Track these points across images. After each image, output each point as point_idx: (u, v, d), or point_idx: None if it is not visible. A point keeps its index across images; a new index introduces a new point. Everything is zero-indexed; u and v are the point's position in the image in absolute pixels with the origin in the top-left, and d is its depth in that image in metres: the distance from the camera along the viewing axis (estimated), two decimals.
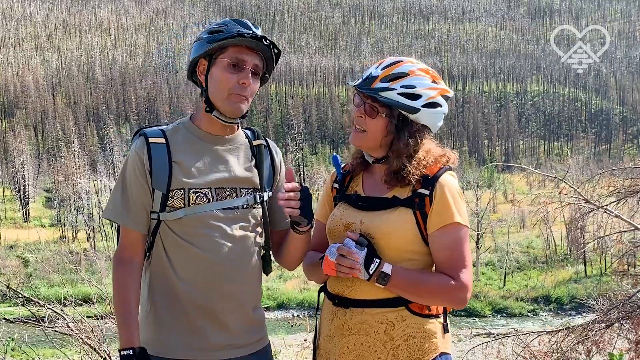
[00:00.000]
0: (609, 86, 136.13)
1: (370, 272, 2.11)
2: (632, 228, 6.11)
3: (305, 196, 2.21)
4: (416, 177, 2.20)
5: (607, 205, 6.14)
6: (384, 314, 2.19)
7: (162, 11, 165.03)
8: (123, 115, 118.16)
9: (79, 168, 71.36)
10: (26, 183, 73.05)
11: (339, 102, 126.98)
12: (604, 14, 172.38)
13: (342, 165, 2.42)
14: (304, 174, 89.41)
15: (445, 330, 2.27)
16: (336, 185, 2.42)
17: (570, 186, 6.35)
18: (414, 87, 2.19)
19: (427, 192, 2.18)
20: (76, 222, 63.24)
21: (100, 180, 68.26)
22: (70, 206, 64.42)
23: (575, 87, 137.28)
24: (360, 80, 2.26)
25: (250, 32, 2.23)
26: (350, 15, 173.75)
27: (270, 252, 2.46)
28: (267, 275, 2.48)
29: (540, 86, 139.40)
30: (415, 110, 2.19)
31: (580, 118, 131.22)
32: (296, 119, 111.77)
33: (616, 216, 6.06)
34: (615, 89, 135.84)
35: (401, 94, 2.18)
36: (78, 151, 79.14)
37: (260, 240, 2.40)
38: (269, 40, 2.26)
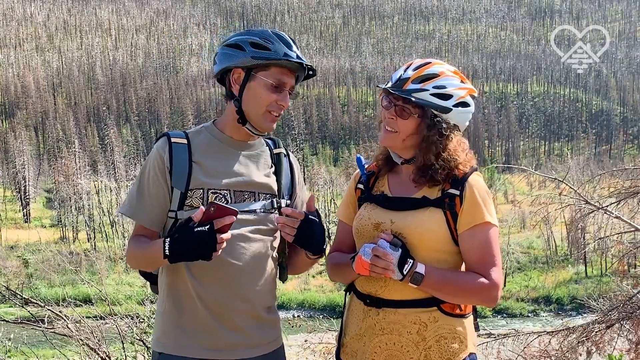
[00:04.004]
0: (610, 87, 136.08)
1: (404, 273, 2.12)
2: (633, 229, 6.10)
3: (307, 227, 2.25)
4: (444, 175, 2.23)
5: (607, 206, 6.12)
6: (417, 315, 2.21)
7: (163, 12, 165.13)
8: (123, 116, 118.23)
9: (79, 168, 71.33)
10: (27, 183, 73.10)
11: (340, 102, 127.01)
12: (605, 14, 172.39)
13: (366, 166, 2.44)
14: (304, 175, 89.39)
15: (476, 328, 2.31)
16: (360, 186, 2.43)
17: (570, 187, 6.34)
18: (445, 87, 2.23)
19: (457, 192, 2.21)
20: (77, 222, 63.35)
21: (101, 181, 68.37)
22: (71, 207, 64.49)
23: (576, 87, 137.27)
24: (390, 82, 2.29)
25: (294, 54, 2.29)
26: (351, 16, 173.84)
27: (286, 259, 2.49)
28: (283, 281, 2.49)
29: (541, 87, 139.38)
30: (447, 110, 2.23)
31: (580, 118, 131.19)
32: (297, 119, 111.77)
33: (616, 217, 6.05)
34: (616, 89, 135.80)
35: (434, 95, 2.22)
36: (78, 152, 79.16)
37: (277, 246, 2.42)
38: (309, 64, 2.33)
